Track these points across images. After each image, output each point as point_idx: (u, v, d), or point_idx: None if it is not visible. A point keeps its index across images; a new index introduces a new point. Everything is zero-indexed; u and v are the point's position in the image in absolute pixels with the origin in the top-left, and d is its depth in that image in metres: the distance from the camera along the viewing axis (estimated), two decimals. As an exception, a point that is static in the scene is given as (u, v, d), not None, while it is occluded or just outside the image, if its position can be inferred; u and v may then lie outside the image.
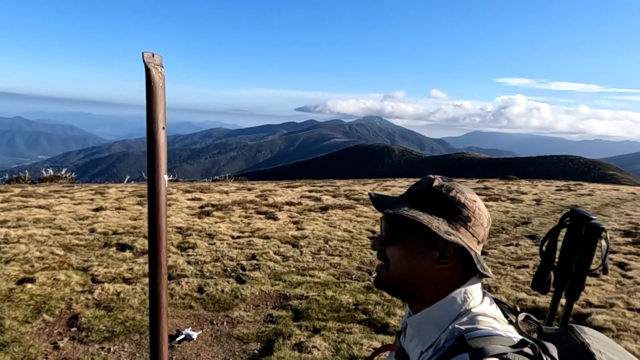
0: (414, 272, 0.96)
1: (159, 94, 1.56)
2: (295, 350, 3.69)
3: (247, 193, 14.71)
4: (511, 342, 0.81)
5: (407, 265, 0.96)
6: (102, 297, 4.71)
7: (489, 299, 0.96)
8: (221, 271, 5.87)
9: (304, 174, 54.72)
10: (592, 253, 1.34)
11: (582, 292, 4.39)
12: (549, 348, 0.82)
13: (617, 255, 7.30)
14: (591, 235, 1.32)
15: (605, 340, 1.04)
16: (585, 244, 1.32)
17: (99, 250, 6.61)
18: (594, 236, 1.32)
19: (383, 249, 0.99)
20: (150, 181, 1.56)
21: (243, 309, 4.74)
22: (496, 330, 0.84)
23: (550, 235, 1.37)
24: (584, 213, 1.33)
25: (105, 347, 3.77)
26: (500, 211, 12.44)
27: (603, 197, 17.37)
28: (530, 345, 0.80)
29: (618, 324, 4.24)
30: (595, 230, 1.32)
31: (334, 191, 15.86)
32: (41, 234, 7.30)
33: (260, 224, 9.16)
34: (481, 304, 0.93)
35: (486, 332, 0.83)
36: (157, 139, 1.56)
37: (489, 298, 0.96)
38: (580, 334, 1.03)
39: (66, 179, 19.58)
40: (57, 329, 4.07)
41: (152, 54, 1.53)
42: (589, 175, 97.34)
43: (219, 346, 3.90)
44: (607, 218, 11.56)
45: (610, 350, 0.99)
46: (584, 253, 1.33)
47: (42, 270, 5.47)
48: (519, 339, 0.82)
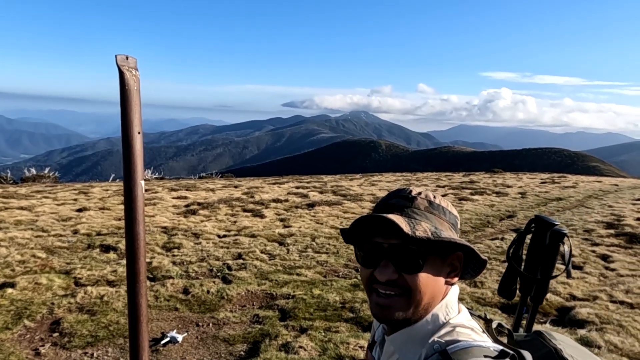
0: (433, 294, 0.91)
1: (133, 97, 1.51)
2: (282, 351, 3.66)
3: (234, 190, 14.61)
4: (492, 352, 0.81)
5: (434, 289, 0.90)
6: (85, 301, 4.62)
7: (463, 307, 0.97)
8: (207, 271, 5.82)
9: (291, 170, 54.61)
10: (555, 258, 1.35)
11: (566, 285, 4.39)
12: (526, 356, 0.82)
13: (600, 248, 7.39)
14: (555, 241, 1.33)
15: (573, 345, 1.06)
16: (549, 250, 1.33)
17: (82, 252, 6.50)
18: (557, 241, 1.33)
19: (396, 278, 0.89)
20: (127, 188, 1.51)
21: (229, 309, 4.69)
22: (476, 342, 0.84)
23: (517, 241, 1.37)
24: (548, 219, 1.34)
25: (88, 352, 3.70)
26: (486, 205, 12.53)
27: (586, 190, 17.62)
28: (511, 356, 0.80)
29: (601, 317, 4.30)
30: (558, 235, 1.33)
31: (321, 187, 15.84)
32: (22, 236, 7.16)
33: (246, 222, 9.10)
34: (459, 315, 0.93)
35: (467, 344, 0.83)
36: (132, 144, 1.51)
37: (463, 307, 0.97)
38: (551, 340, 1.04)
39: (49, 179, 19.25)
40: (39, 334, 3.99)
41: (126, 56, 1.48)
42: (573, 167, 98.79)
43: (205, 348, 3.86)
44: (590, 210, 11.72)
45: (580, 355, 1.01)
46: (548, 258, 1.33)
47: (23, 274, 5.37)
48: (499, 349, 0.82)
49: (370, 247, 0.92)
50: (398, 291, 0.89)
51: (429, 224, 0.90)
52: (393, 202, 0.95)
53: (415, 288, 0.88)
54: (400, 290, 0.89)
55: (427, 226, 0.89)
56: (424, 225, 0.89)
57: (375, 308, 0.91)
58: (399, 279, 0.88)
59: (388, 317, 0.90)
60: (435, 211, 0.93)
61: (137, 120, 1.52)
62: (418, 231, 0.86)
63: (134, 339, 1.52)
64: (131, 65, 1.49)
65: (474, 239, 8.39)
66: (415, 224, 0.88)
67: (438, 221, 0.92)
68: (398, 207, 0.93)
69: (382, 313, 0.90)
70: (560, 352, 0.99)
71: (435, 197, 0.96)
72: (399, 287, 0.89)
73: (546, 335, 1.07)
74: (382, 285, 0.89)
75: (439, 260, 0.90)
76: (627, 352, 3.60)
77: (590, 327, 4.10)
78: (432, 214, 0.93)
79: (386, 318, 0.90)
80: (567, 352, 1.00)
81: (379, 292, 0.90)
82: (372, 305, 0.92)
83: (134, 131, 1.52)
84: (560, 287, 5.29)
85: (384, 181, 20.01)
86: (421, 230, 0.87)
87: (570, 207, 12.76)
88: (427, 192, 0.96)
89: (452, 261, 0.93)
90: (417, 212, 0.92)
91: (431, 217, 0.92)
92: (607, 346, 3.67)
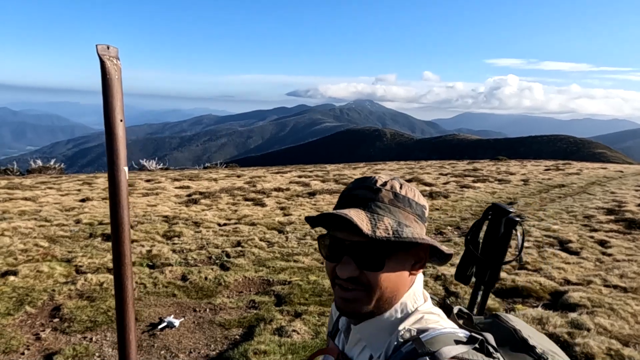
0: (397, 287, 0.90)
1: (115, 86, 1.54)
2: (276, 335, 3.74)
3: (236, 180, 14.69)
4: (462, 338, 0.83)
5: (397, 283, 0.89)
6: (85, 288, 4.72)
7: (428, 294, 0.98)
8: (206, 259, 5.90)
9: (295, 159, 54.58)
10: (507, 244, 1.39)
11: (561, 270, 4.43)
12: (488, 338, 0.84)
13: (599, 234, 7.41)
14: (508, 228, 1.37)
15: (527, 326, 1.08)
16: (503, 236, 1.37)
17: (83, 241, 6.60)
18: (511, 229, 1.37)
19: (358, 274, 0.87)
20: (111, 174, 1.55)
21: (226, 295, 4.77)
22: (445, 329, 0.85)
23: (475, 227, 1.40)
24: (503, 207, 1.38)
25: (87, 337, 3.80)
26: (487, 192, 12.55)
27: (590, 176, 17.57)
28: (480, 341, 0.82)
29: (593, 301, 4.33)
30: (512, 223, 1.36)
31: (324, 176, 15.89)
32: (26, 226, 7.27)
33: (247, 210, 9.18)
34: (425, 303, 0.94)
35: (438, 332, 0.84)
36: (115, 131, 1.55)
37: (427, 294, 0.98)
38: (508, 321, 1.06)
39: (55, 170, 19.41)
40: (40, 320, 4.09)
41: (107, 46, 1.52)
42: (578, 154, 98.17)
43: (201, 333, 3.94)
44: (592, 197, 11.70)
45: (535, 335, 1.03)
46: (502, 244, 1.37)
47: (25, 262, 5.47)
48: (468, 335, 0.84)
49: (332, 242, 0.91)
50: (360, 287, 0.87)
51: (392, 220, 0.87)
52: (356, 194, 0.92)
53: (377, 285, 0.87)
54: (362, 287, 0.87)
55: (389, 223, 0.86)
56: (387, 222, 0.86)
57: (340, 302, 0.90)
58: (361, 275, 0.87)
59: (353, 311, 0.89)
60: (400, 204, 0.90)
61: (119, 108, 1.57)
62: (379, 230, 0.84)
63: (120, 319, 1.57)
64: (112, 54, 1.53)
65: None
66: (377, 220, 0.86)
67: (402, 215, 0.89)
68: (361, 199, 0.90)
69: (347, 307, 0.89)
70: (519, 332, 1.01)
71: (401, 188, 0.92)
72: (361, 284, 0.87)
73: (503, 317, 1.09)
74: (344, 281, 0.88)
75: (402, 254, 0.89)
76: (616, 335, 3.64)
77: (581, 311, 4.14)
78: (396, 207, 0.90)
79: (351, 312, 0.90)
80: (525, 332, 1.01)
81: (342, 287, 0.89)
82: (337, 299, 0.91)
83: (116, 118, 1.56)
84: (555, 272, 5.32)
85: (387, 170, 20.03)
86: (382, 229, 0.84)
87: (572, 193, 12.74)
88: (393, 182, 0.93)
89: (417, 252, 0.92)
90: (380, 206, 0.89)
91: (395, 210, 0.89)
92: (596, 328, 3.71)
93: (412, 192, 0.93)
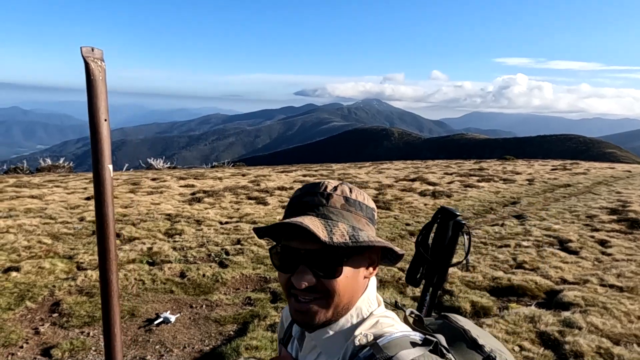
0: (354, 292, 0.90)
1: (99, 87, 1.60)
2: (269, 331, 3.79)
3: (241, 179, 14.78)
4: (417, 340, 0.85)
5: (354, 288, 0.90)
6: (85, 284, 4.81)
7: (380, 298, 1.00)
8: (205, 256, 5.97)
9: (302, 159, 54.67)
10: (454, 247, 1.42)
11: (558, 270, 4.45)
12: (440, 340, 0.86)
13: (600, 233, 7.38)
14: (456, 231, 1.40)
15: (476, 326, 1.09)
16: (451, 239, 1.40)
17: (86, 239, 6.70)
18: (457, 231, 1.40)
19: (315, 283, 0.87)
20: (95, 172, 1.61)
21: (223, 292, 4.84)
22: (401, 332, 0.87)
23: (424, 230, 1.43)
24: (451, 210, 1.41)
25: (85, 332, 3.88)
26: (491, 192, 12.51)
27: (597, 176, 17.44)
28: (434, 343, 0.84)
29: (587, 300, 4.34)
30: (459, 226, 1.40)
31: (329, 175, 15.94)
32: (30, 223, 7.39)
33: (249, 209, 9.25)
34: (379, 306, 0.96)
35: (394, 336, 0.85)
36: (99, 130, 1.61)
37: (380, 297, 1.00)
38: (457, 322, 1.07)
39: (64, 169, 19.65)
40: (39, 315, 4.18)
41: (92, 48, 1.57)
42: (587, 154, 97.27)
43: (196, 328, 4.01)
44: (597, 197, 11.64)
45: (483, 335, 1.05)
46: (449, 247, 1.41)
47: (28, 259, 5.57)
48: (422, 337, 0.86)
49: (285, 252, 0.89)
50: (318, 295, 0.87)
51: (346, 225, 0.88)
52: (307, 201, 0.91)
53: (336, 292, 0.87)
54: (319, 294, 0.87)
55: (344, 228, 0.87)
56: (342, 227, 0.87)
57: (296, 314, 0.90)
58: (318, 283, 0.86)
59: (309, 322, 0.88)
60: (352, 208, 0.91)
61: (104, 108, 1.62)
62: (335, 236, 0.84)
63: (106, 313, 1.63)
64: (97, 56, 1.59)
65: (474, 225, 8.42)
66: (332, 226, 0.86)
67: (355, 218, 0.90)
68: (313, 206, 0.90)
69: (303, 319, 0.88)
70: (468, 332, 1.02)
71: (351, 192, 0.93)
72: (319, 292, 0.87)
73: (452, 317, 1.09)
74: (301, 292, 0.87)
75: (358, 258, 0.89)
76: (607, 333, 3.64)
77: (574, 310, 4.14)
78: (348, 211, 0.90)
79: (308, 323, 0.89)
80: (474, 332, 1.03)
81: (298, 299, 0.88)
82: (292, 311, 0.90)
83: (100, 118, 1.62)
84: (552, 271, 5.33)
85: (392, 169, 20.02)
86: (339, 235, 0.84)
87: (577, 193, 12.67)
88: (343, 187, 0.93)
89: (369, 255, 0.93)
90: (333, 212, 0.89)
91: (348, 215, 0.90)
92: (588, 327, 3.72)
93: (361, 196, 0.94)
